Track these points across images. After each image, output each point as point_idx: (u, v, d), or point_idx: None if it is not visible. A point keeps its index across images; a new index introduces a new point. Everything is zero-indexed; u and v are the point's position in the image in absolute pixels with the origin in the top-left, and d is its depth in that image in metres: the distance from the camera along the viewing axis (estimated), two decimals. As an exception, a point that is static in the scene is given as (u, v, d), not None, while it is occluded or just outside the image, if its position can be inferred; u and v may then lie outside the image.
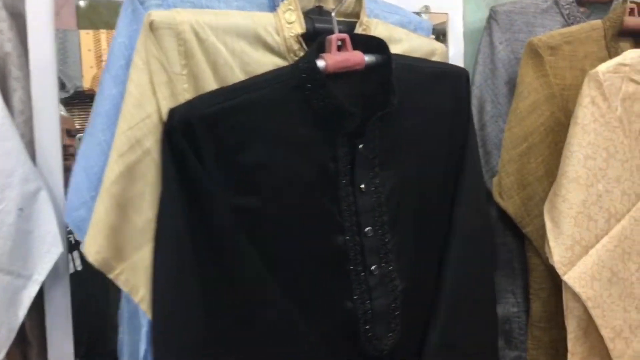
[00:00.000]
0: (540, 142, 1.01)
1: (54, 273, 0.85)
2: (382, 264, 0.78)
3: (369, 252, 0.77)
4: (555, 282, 1.00)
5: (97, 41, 0.99)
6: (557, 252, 0.92)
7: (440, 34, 1.13)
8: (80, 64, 0.98)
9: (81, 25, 0.99)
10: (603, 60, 0.99)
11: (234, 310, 0.71)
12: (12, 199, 0.79)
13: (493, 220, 1.08)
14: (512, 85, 1.09)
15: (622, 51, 1.02)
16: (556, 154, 0.99)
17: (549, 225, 0.93)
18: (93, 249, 0.69)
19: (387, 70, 0.77)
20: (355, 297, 0.77)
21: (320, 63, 0.73)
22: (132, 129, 0.69)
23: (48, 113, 0.89)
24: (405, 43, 0.88)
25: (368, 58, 0.78)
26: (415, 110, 0.83)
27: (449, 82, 0.87)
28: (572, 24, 1.10)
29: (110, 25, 0.97)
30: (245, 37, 0.74)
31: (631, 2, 1.05)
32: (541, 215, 0.97)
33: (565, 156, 0.93)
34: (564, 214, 0.92)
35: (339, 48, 0.76)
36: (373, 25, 0.85)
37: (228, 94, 0.70)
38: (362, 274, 0.77)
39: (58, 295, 0.89)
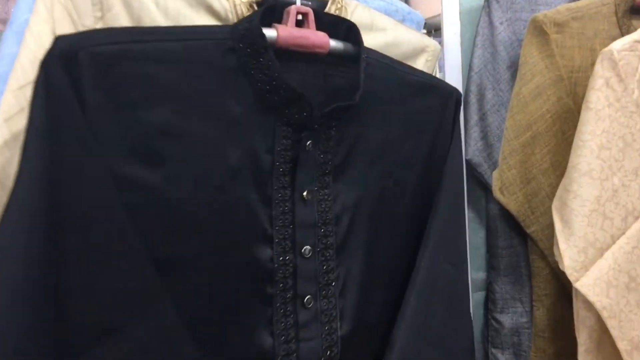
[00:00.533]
0: (546, 131, 0.90)
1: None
2: (321, 297, 0.65)
3: (303, 277, 0.64)
4: (561, 288, 0.89)
5: None
6: (569, 256, 0.81)
7: (434, 17, 1.02)
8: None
9: None
10: (615, 38, 0.88)
11: (94, 318, 0.53)
12: None
13: (496, 220, 0.97)
14: (514, 69, 0.97)
15: (635, 29, 0.91)
16: (564, 144, 0.88)
17: (558, 225, 0.81)
18: None
19: (355, 63, 0.67)
20: (277, 332, 0.62)
21: (269, 32, 0.62)
22: (23, 88, 0.58)
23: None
24: (390, 33, 0.78)
25: (334, 43, 0.67)
26: (386, 120, 0.71)
27: (436, 99, 0.76)
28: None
29: None
30: None
31: (647, -25, 0.94)
32: (547, 213, 0.86)
33: (577, 146, 0.82)
34: (575, 212, 0.81)
35: (300, 24, 0.66)
36: (351, 7, 0.75)
37: (138, 34, 0.57)
38: (291, 304, 0.63)
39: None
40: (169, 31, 0.60)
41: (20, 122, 0.57)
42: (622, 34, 0.90)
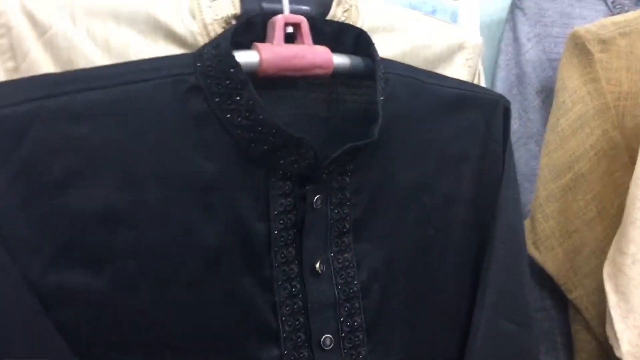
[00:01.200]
0: (590, 172, 0.74)
1: None
2: None
3: None
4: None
5: None
6: (627, 340, 0.65)
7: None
8: None
9: None
10: (670, 59, 0.73)
11: None
12: None
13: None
14: (545, 95, 0.84)
15: (694, 48, 0.75)
16: (612, 187, 0.72)
17: (612, 298, 0.65)
18: None
19: (372, 86, 0.52)
20: None
21: (248, 57, 0.47)
22: None
23: None
24: (416, 33, 0.63)
25: (339, 59, 0.52)
26: (418, 153, 0.56)
27: (478, 114, 0.60)
28: (619, 13, 0.85)
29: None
30: (132, 21, 0.50)
31: None
32: (593, 274, 0.71)
33: (634, 197, 0.66)
34: (634, 282, 0.65)
35: (291, 38, 0.50)
36: (364, 7, 0.60)
37: (57, 84, 0.42)
38: None
39: None
40: (102, 73, 0.44)
41: None
42: (680, 53, 0.75)
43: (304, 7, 0.54)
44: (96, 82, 0.43)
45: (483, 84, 0.73)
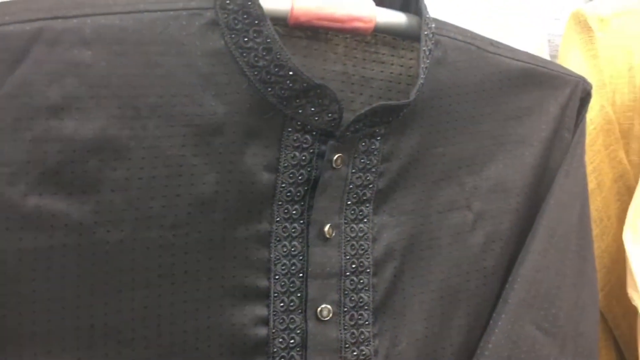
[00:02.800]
0: (590, 146, 0.76)
1: None
2: None
3: (318, 350, 0.46)
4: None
5: None
6: None
7: None
8: None
9: None
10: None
11: None
12: None
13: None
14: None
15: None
16: (607, 162, 0.76)
17: (637, 261, 0.65)
18: None
19: (415, 43, 0.50)
20: None
21: (279, 2, 0.45)
22: None
23: None
24: None
25: (382, 14, 0.49)
26: (466, 128, 0.53)
27: (550, 94, 0.56)
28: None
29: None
30: None
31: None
32: (596, 241, 0.72)
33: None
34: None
35: None
36: None
37: (68, 6, 0.40)
38: None
39: None
40: (116, 0, 0.42)
41: None
42: (664, 37, 0.80)
43: None
44: (108, 7, 0.41)
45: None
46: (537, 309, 0.53)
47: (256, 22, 0.42)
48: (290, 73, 0.43)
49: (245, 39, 0.43)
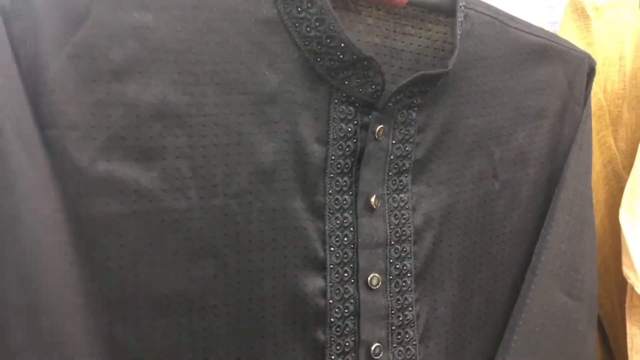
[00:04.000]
0: (582, 131, 0.79)
1: None
2: (394, 344, 0.48)
3: (370, 317, 0.47)
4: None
5: None
6: None
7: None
8: None
9: None
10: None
11: None
12: None
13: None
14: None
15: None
16: (597, 147, 0.78)
17: (633, 240, 0.67)
18: None
19: (449, 16, 0.50)
20: None
21: None
22: None
23: None
24: None
25: None
26: (492, 99, 0.54)
27: (561, 69, 0.58)
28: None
29: None
30: None
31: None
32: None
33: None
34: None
35: None
36: None
37: None
38: (352, 355, 0.47)
39: None
40: None
41: None
42: (651, 28, 0.83)
43: None
44: None
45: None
46: (565, 277, 0.56)
47: (323, 6, 0.42)
48: (342, 45, 0.43)
49: (299, 9, 0.43)
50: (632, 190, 0.70)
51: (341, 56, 0.43)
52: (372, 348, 0.47)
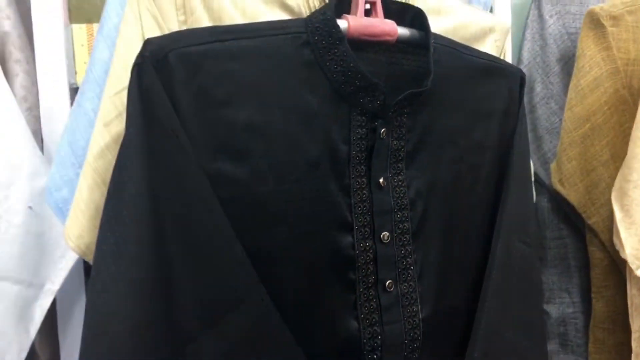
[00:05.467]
0: (605, 123, 0.91)
1: (69, 282, 0.74)
2: (400, 281, 0.66)
3: (383, 262, 0.65)
4: (621, 279, 0.90)
5: (91, 35, 0.89)
6: (630, 244, 0.83)
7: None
8: (73, 59, 0.88)
9: (74, 19, 0.90)
10: (668, 32, 0.90)
11: (199, 309, 0.56)
12: (20, 196, 0.68)
13: (545, 212, 0.98)
14: (564, 62, 1.00)
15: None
16: (622, 136, 0.89)
17: (619, 214, 0.83)
18: (75, 233, 0.62)
19: (424, 50, 0.67)
20: (362, 317, 0.64)
21: (341, 23, 0.63)
22: (119, 94, 0.61)
23: (58, 103, 0.80)
24: (458, 16, 0.78)
25: (402, 30, 0.68)
26: (456, 106, 0.71)
27: (501, 80, 0.75)
28: (626, -5, 1.00)
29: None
30: None
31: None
32: (608, 204, 0.87)
33: (636, 137, 0.83)
34: (636, 201, 0.83)
35: (367, 13, 0.66)
36: None
37: (221, 34, 0.58)
38: (373, 288, 0.65)
39: (73, 308, 0.77)
40: (248, 28, 0.60)
41: (119, 126, 0.60)
42: (675, 28, 0.92)
43: None
44: (245, 34, 0.59)
45: (508, 59, 0.88)
46: (519, 230, 0.74)
47: (337, 42, 0.61)
48: (359, 75, 0.63)
49: (329, 53, 0.61)
50: (622, 174, 0.82)
51: (357, 83, 0.63)
52: (386, 283, 0.64)
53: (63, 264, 0.72)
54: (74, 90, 0.84)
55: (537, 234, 0.80)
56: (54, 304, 0.76)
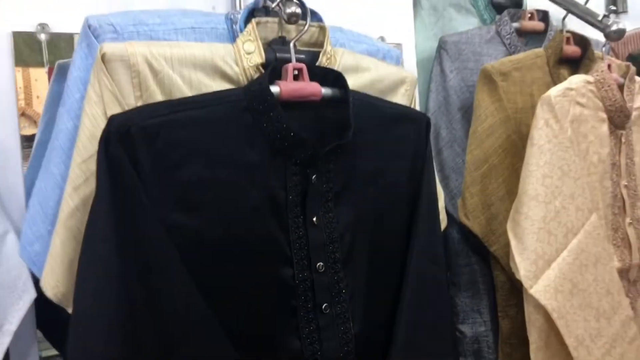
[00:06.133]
0: (500, 163, 1.06)
1: (23, 323, 0.78)
2: (335, 304, 0.76)
3: (319, 289, 0.75)
4: (522, 299, 1.04)
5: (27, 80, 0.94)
6: (523, 267, 0.96)
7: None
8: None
9: (37, 61, 0.94)
10: (548, 85, 1.06)
11: (159, 339, 0.65)
12: None
13: (455, 243, 1.11)
14: (464, 111, 1.14)
15: (563, 77, 1.10)
16: (515, 174, 1.04)
17: (513, 242, 0.97)
18: (51, 283, 0.69)
19: (344, 105, 0.77)
20: (303, 336, 0.74)
21: (274, 89, 0.72)
22: (85, 161, 0.68)
23: (10, 152, 0.85)
24: (373, 72, 0.88)
25: (325, 90, 0.78)
26: (373, 150, 0.82)
27: (410, 125, 0.87)
28: (514, 52, 1.17)
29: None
30: (203, 68, 0.73)
31: (567, 32, 1.13)
32: (505, 233, 1.01)
33: (525, 175, 0.98)
34: (527, 230, 0.97)
35: (296, 78, 0.76)
36: (339, 55, 0.85)
37: (173, 107, 0.68)
38: (312, 312, 0.74)
39: (27, 348, 0.81)
40: (196, 100, 0.70)
41: (87, 189, 0.68)
42: (554, 81, 1.09)
43: (302, 56, 0.80)
44: (193, 105, 0.69)
45: (417, 106, 1.00)
46: (430, 252, 0.86)
47: (272, 107, 0.70)
48: (291, 134, 0.72)
49: (265, 117, 0.71)
50: (515, 205, 0.97)
51: (290, 140, 0.73)
52: (323, 307, 0.74)
53: (20, 305, 0.76)
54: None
55: (444, 257, 0.91)
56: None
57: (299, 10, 0.75)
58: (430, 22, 1.23)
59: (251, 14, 0.82)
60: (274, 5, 0.77)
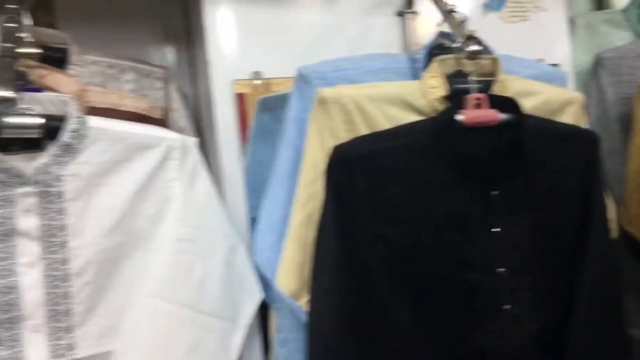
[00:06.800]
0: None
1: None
2: (516, 305, 0.84)
3: (502, 292, 0.83)
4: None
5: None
6: None
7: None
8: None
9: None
10: None
11: (369, 331, 0.80)
12: (220, 253, 0.89)
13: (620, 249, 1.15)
14: (622, 123, 1.19)
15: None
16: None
17: None
18: (286, 283, 0.85)
19: (519, 128, 0.86)
20: (488, 332, 0.83)
21: (459, 117, 0.83)
22: (308, 185, 0.84)
23: (235, 179, 1.02)
24: (542, 95, 0.95)
25: (502, 116, 0.86)
26: (545, 167, 0.88)
27: (579, 144, 0.91)
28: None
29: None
30: (396, 103, 0.87)
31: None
32: None
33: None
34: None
35: (478, 106, 0.86)
36: (510, 82, 0.93)
37: (378, 138, 0.82)
38: (495, 312, 0.83)
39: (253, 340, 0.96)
40: (395, 132, 0.83)
41: (310, 207, 0.84)
42: None
43: (479, 86, 0.88)
44: (394, 136, 0.83)
45: (587, 125, 1.02)
46: (602, 260, 0.92)
47: (457, 133, 0.82)
48: (474, 156, 0.84)
49: (451, 142, 0.82)
50: None
51: (473, 160, 0.84)
52: (505, 308, 0.85)
53: (250, 303, 0.90)
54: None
55: (616, 262, 0.96)
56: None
57: (480, 48, 0.86)
58: (585, 38, 1.29)
59: (429, 52, 0.95)
60: (454, 45, 0.89)
